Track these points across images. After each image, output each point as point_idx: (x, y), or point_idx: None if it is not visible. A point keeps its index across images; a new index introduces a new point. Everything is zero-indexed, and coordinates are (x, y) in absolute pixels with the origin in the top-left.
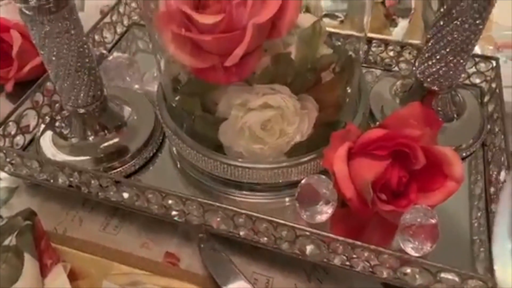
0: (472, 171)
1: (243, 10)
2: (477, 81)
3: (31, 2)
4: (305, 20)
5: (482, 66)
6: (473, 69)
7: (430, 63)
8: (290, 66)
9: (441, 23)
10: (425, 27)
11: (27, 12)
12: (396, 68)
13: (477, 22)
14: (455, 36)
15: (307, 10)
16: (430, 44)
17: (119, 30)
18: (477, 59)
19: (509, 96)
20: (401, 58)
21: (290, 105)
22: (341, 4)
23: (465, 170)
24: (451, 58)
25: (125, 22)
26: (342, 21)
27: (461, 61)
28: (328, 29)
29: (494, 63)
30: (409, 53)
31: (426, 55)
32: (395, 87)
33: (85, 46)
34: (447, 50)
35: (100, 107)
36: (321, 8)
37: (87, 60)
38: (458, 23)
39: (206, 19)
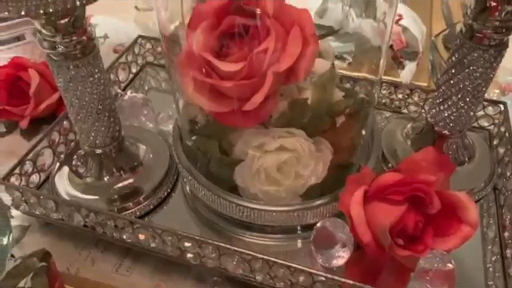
0: (484, 214)
1: (264, 58)
2: (485, 124)
3: (59, 49)
4: (318, 64)
5: (490, 109)
6: (482, 112)
7: (441, 108)
8: (306, 111)
9: (453, 71)
10: (432, 70)
11: (54, 57)
12: (405, 111)
13: (488, 71)
14: (466, 83)
15: (319, 54)
16: (441, 90)
17: (134, 69)
18: (485, 103)
19: None
20: (410, 101)
21: (305, 148)
22: (348, 46)
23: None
24: (462, 104)
25: (139, 61)
26: (350, 63)
27: (472, 107)
28: (342, 71)
29: (502, 107)
30: (418, 96)
31: (437, 100)
32: (406, 129)
33: (107, 89)
34: (458, 96)
35: (117, 147)
36: (332, 52)
37: (107, 102)
38: (470, 71)
39: (228, 67)
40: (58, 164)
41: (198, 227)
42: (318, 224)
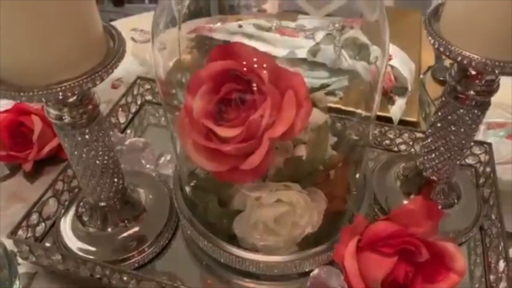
0: (471, 252)
1: (260, 123)
2: (472, 162)
3: (65, 120)
4: (312, 115)
5: (476, 148)
6: (467, 152)
7: (428, 157)
8: (301, 168)
9: (439, 125)
10: (421, 107)
11: (60, 127)
12: (396, 149)
13: (472, 127)
14: (452, 137)
15: (313, 103)
16: (429, 140)
17: (133, 109)
18: (471, 143)
19: (504, 173)
20: (400, 140)
21: (301, 200)
22: (341, 81)
23: (464, 253)
24: (448, 155)
25: (139, 101)
26: (341, 98)
27: (458, 157)
28: (335, 114)
29: (487, 147)
30: (408, 135)
31: (425, 150)
32: (398, 169)
33: (110, 148)
34: (445, 147)
35: (121, 199)
36: (325, 100)
37: (111, 161)
38: (454, 128)
39: (226, 133)
40: (62, 211)
41: (198, 272)
42: (314, 272)
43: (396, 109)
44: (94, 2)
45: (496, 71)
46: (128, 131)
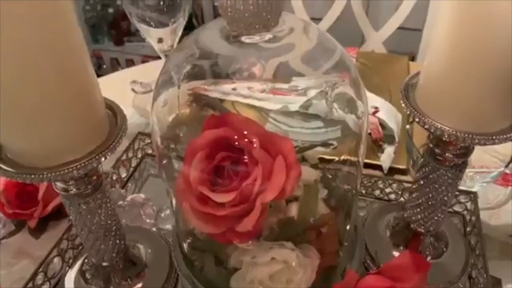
0: None
1: (252, 189)
2: (459, 209)
3: (71, 191)
4: (304, 172)
5: (462, 197)
6: (454, 200)
7: (415, 211)
8: (293, 228)
9: (421, 182)
10: (408, 156)
11: (66, 196)
12: (386, 198)
13: (452, 184)
14: (434, 194)
15: (304, 159)
16: (413, 196)
17: (133, 163)
18: (457, 192)
19: (491, 218)
20: (390, 190)
21: (294, 257)
22: (334, 132)
23: None
24: (432, 210)
25: (139, 155)
26: (335, 148)
27: (442, 211)
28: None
29: (472, 196)
30: (397, 185)
31: (411, 204)
32: (389, 219)
33: (113, 213)
34: (429, 203)
35: (123, 258)
36: (316, 157)
37: (113, 224)
38: (437, 185)
39: (221, 198)
40: (67, 268)
41: None
42: None
43: (386, 157)
44: (98, 83)
45: (467, 143)
46: (129, 185)
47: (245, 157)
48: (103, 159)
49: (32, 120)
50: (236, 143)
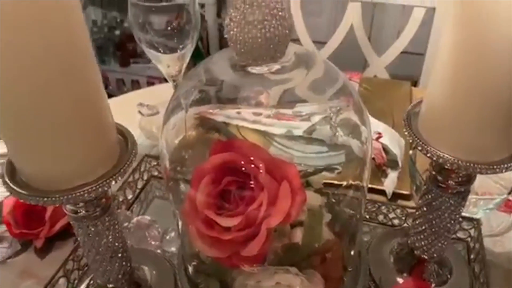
0: None
1: (258, 214)
2: (463, 236)
3: (80, 214)
4: (308, 197)
5: (466, 224)
6: (457, 226)
7: (418, 237)
8: (298, 253)
9: (424, 209)
10: (411, 181)
11: (75, 218)
12: (390, 223)
13: (455, 212)
14: (437, 221)
15: (308, 184)
16: (417, 222)
17: (139, 185)
18: (460, 219)
19: (495, 245)
20: (393, 215)
21: (298, 283)
22: (338, 157)
23: None
24: (435, 236)
25: (145, 177)
26: (339, 173)
27: (445, 238)
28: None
29: (475, 223)
30: (400, 211)
31: (414, 230)
32: (393, 244)
33: (120, 235)
34: (432, 230)
35: (128, 280)
36: (322, 179)
37: (120, 246)
38: (439, 212)
39: (227, 223)
40: None
41: None
42: None
43: (389, 182)
44: (110, 109)
45: (468, 171)
46: (135, 206)
47: (251, 182)
48: (113, 182)
49: (45, 145)
50: (243, 168)
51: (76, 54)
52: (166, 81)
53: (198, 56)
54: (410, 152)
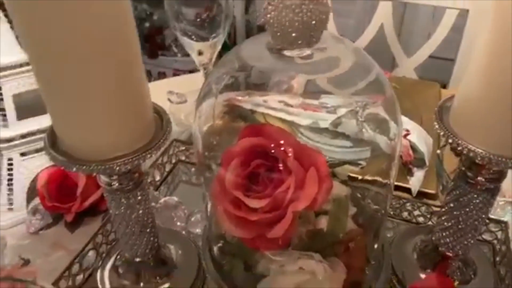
0: None
1: (285, 197)
2: (489, 238)
3: (114, 186)
4: (334, 188)
5: (493, 225)
6: (484, 228)
7: (443, 234)
8: (322, 239)
9: (452, 205)
10: (438, 180)
11: (109, 190)
12: (414, 220)
13: (483, 210)
14: (464, 218)
15: (334, 174)
16: (443, 218)
17: (167, 168)
18: (487, 220)
19: None
20: (418, 212)
21: (321, 269)
22: (363, 152)
23: None
24: (462, 233)
25: (173, 160)
26: (362, 168)
27: (471, 236)
28: (355, 184)
29: (503, 225)
30: (426, 209)
31: (441, 226)
32: (416, 241)
33: (150, 210)
34: (458, 227)
35: (155, 256)
36: (345, 173)
37: (150, 221)
38: (467, 209)
39: (254, 204)
40: (100, 262)
41: None
42: None
43: (415, 181)
44: (149, 88)
45: (500, 166)
46: (162, 188)
47: (280, 165)
48: (148, 156)
49: (89, 116)
50: (271, 152)
51: (123, 33)
52: (192, 72)
53: (226, 49)
54: (438, 151)
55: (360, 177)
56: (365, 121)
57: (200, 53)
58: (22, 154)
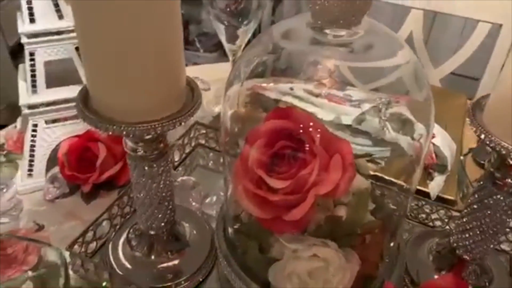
0: None
1: (307, 179)
2: (507, 248)
3: (139, 153)
4: (355, 180)
5: (511, 236)
6: (503, 237)
7: (462, 236)
8: (340, 228)
9: (475, 206)
10: (459, 187)
11: (133, 157)
12: (431, 224)
13: (508, 212)
14: (487, 220)
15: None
16: (464, 220)
17: (187, 150)
18: (507, 229)
19: None
20: (436, 216)
21: (336, 258)
22: (383, 151)
23: None
24: (482, 237)
25: (193, 143)
26: (382, 167)
27: (492, 240)
28: (377, 183)
29: None
30: (444, 213)
31: (460, 228)
32: (431, 244)
33: (170, 183)
34: (479, 229)
35: (169, 230)
36: (367, 167)
37: (169, 194)
38: (490, 212)
39: (276, 184)
40: (114, 233)
41: None
42: None
43: (435, 185)
44: (184, 60)
45: None
46: (180, 169)
47: (305, 147)
48: (177, 124)
49: (125, 78)
50: (297, 135)
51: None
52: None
53: None
54: (461, 157)
55: (381, 176)
56: (387, 120)
57: (229, 39)
58: (46, 122)
